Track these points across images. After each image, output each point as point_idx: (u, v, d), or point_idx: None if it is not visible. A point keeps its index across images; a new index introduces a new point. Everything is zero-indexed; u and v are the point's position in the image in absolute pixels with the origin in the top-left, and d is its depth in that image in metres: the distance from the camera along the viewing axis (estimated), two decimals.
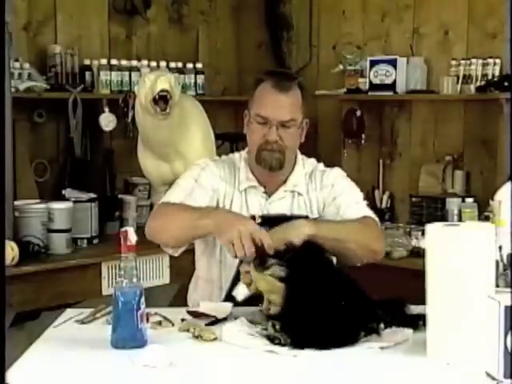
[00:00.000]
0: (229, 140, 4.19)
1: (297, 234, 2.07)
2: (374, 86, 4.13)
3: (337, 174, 2.42)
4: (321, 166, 2.44)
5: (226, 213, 2.23)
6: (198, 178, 2.34)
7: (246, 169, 2.37)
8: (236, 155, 2.45)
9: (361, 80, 4.23)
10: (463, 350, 1.75)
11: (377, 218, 2.34)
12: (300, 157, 2.41)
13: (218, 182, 2.34)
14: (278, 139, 2.25)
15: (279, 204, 2.34)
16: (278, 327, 1.90)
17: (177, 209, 2.24)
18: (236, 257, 2.06)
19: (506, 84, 3.71)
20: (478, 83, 3.84)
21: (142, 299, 1.89)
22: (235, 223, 2.07)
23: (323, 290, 1.92)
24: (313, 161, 2.45)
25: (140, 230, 2.07)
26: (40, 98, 3.63)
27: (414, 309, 2.04)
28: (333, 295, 1.91)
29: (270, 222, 2.17)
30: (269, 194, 2.36)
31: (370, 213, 2.33)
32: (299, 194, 2.36)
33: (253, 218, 2.26)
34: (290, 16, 4.66)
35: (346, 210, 2.29)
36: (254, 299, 2.08)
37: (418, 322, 1.97)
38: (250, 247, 2.02)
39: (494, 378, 1.65)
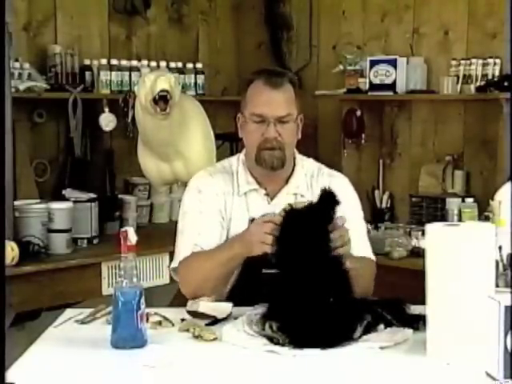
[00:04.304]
0: (229, 140, 4.19)
1: None
2: (373, 86, 4.13)
3: (343, 182, 2.39)
4: (324, 167, 2.42)
5: (238, 235, 2.20)
6: (200, 207, 2.30)
7: (244, 172, 2.35)
8: (233, 159, 2.41)
9: (361, 80, 4.22)
10: (463, 349, 1.75)
11: (374, 258, 2.36)
12: (299, 157, 2.39)
13: (219, 198, 2.31)
14: (276, 136, 2.24)
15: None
16: (274, 327, 1.90)
17: (203, 258, 2.21)
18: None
19: (506, 84, 3.70)
20: (478, 83, 3.84)
21: (142, 299, 1.89)
22: (250, 232, 2.08)
23: (317, 285, 1.91)
24: (312, 161, 2.43)
25: (140, 230, 2.07)
26: (40, 97, 3.63)
27: (414, 309, 2.03)
28: (326, 290, 1.91)
29: None
30: (271, 196, 2.33)
31: (370, 251, 2.34)
32: (301, 195, 2.33)
33: (253, 220, 2.25)
34: (290, 16, 4.66)
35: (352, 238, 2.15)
36: (253, 300, 2.08)
37: (418, 322, 1.97)
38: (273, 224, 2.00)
39: (494, 378, 1.65)
